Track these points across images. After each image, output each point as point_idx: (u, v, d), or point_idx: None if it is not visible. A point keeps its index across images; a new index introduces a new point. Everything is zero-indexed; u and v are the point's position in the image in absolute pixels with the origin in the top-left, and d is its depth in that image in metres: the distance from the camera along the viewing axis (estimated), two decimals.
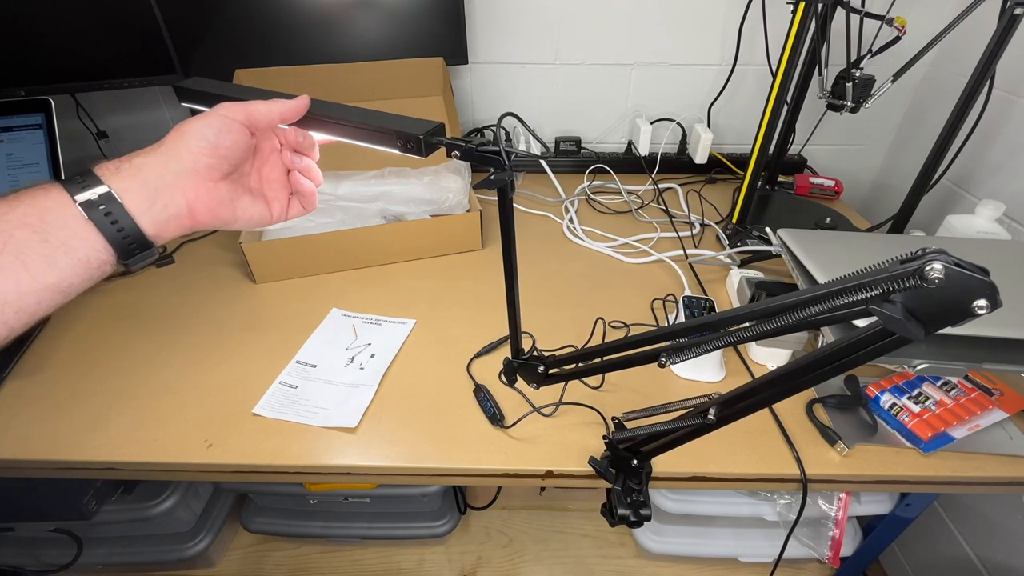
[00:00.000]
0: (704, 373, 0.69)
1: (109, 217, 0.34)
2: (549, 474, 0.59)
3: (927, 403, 0.63)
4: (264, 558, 1.22)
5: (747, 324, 0.37)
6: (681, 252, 0.94)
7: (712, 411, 0.41)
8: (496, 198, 0.44)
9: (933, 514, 1.01)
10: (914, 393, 0.65)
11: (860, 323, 0.42)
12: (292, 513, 1.19)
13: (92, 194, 0.34)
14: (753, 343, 0.72)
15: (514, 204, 0.44)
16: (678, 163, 1.23)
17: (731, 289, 0.84)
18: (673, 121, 1.21)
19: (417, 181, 0.93)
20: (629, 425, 0.51)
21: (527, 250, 0.95)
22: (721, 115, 1.22)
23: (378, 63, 1.01)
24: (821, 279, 0.64)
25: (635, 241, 0.98)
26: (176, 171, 0.37)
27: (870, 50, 0.85)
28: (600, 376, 0.68)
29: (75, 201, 0.33)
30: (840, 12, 0.83)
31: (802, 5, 0.75)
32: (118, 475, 0.63)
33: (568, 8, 1.10)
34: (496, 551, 1.24)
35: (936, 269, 0.25)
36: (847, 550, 0.98)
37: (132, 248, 0.35)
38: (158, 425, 0.62)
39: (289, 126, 0.44)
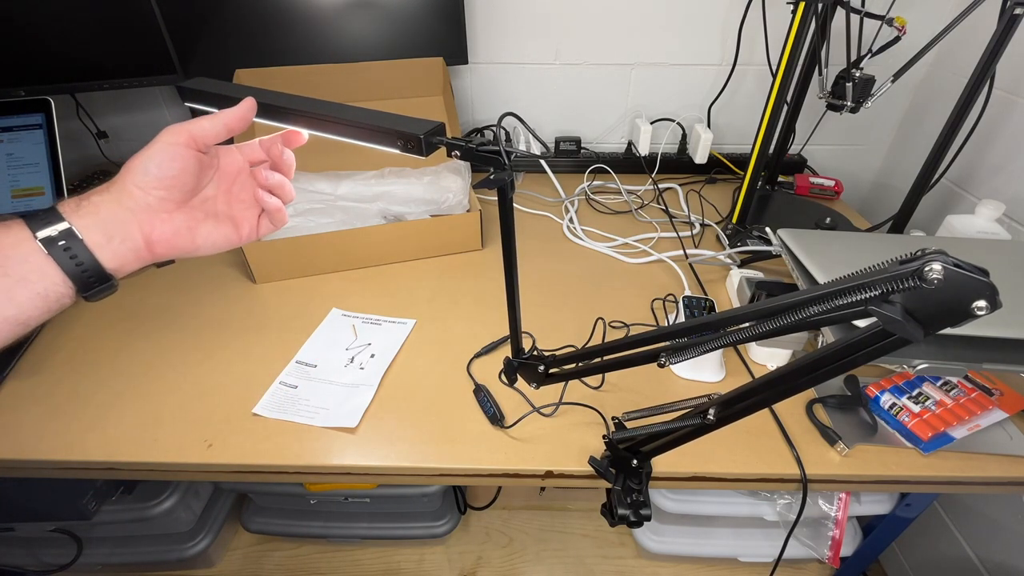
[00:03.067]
0: (704, 373, 0.69)
1: (68, 252, 0.35)
2: (549, 474, 0.59)
3: (927, 403, 0.63)
4: (264, 558, 1.22)
5: (747, 324, 0.37)
6: (681, 252, 0.94)
7: (712, 411, 0.41)
8: (496, 198, 0.44)
9: (933, 514, 1.01)
10: (914, 393, 0.65)
11: (860, 324, 0.42)
12: (292, 513, 1.19)
13: (53, 230, 0.35)
14: (753, 343, 0.72)
15: (514, 204, 0.44)
16: (678, 163, 1.23)
17: (731, 289, 0.84)
18: (673, 121, 1.21)
19: (417, 181, 0.93)
20: (629, 425, 0.51)
21: (527, 250, 0.95)
22: (721, 115, 1.22)
23: (378, 63, 1.01)
24: (821, 279, 0.64)
25: (635, 241, 0.98)
26: (130, 207, 0.38)
27: (870, 50, 0.84)
28: (600, 376, 0.68)
29: (36, 237, 0.34)
30: (840, 12, 0.83)
31: (802, 5, 0.75)
32: (118, 475, 0.63)
33: (568, 8, 1.10)
34: (496, 551, 1.24)
35: (935, 270, 0.25)
36: (847, 550, 0.98)
37: (91, 282, 0.36)
38: (158, 425, 0.62)
39: (260, 138, 0.44)
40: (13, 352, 0.71)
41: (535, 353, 0.55)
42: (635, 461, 0.51)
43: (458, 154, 0.41)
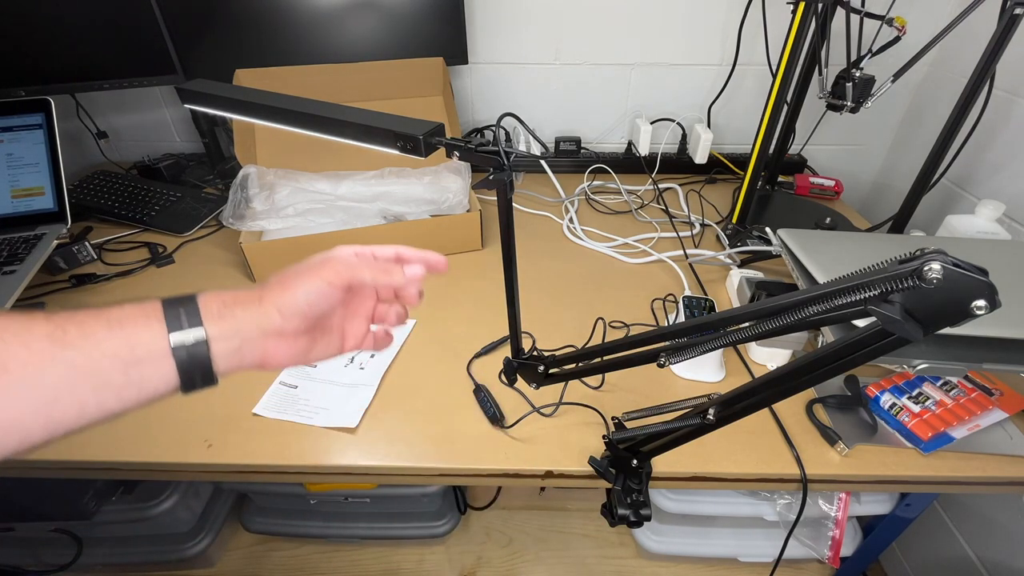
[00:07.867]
0: (704, 373, 0.69)
1: (194, 359, 0.34)
2: (549, 474, 0.59)
3: (927, 403, 0.63)
4: (264, 558, 1.22)
5: (747, 324, 0.37)
6: (681, 252, 0.94)
7: (712, 411, 0.41)
8: (496, 198, 0.44)
9: (933, 514, 1.01)
10: (914, 393, 0.65)
11: (859, 323, 0.42)
12: (292, 513, 1.19)
13: (189, 337, 0.34)
14: (753, 343, 0.72)
15: (514, 204, 0.44)
16: (678, 163, 1.23)
17: (731, 289, 0.84)
18: (673, 121, 1.21)
19: (417, 181, 0.93)
20: (629, 425, 0.51)
21: (527, 250, 0.95)
22: (721, 115, 1.22)
23: (378, 63, 1.01)
24: (821, 279, 0.64)
25: (635, 241, 0.98)
26: (264, 328, 0.38)
27: (870, 50, 0.84)
28: (600, 376, 0.68)
29: (170, 342, 0.34)
30: (840, 12, 0.83)
31: (802, 5, 0.75)
32: (118, 475, 0.63)
33: (568, 8, 1.10)
34: (496, 551, 1.24)
35: (934, 269, 0.25)
36: (847, 550, 0.98)
37: (196, 384, 0.36)
38: (158, 425, 0.62)
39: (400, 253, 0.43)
40: None
41: (535, 353, 0.55)
42: (635, 461, 0.51)
43: (457, 155, 0.41)
